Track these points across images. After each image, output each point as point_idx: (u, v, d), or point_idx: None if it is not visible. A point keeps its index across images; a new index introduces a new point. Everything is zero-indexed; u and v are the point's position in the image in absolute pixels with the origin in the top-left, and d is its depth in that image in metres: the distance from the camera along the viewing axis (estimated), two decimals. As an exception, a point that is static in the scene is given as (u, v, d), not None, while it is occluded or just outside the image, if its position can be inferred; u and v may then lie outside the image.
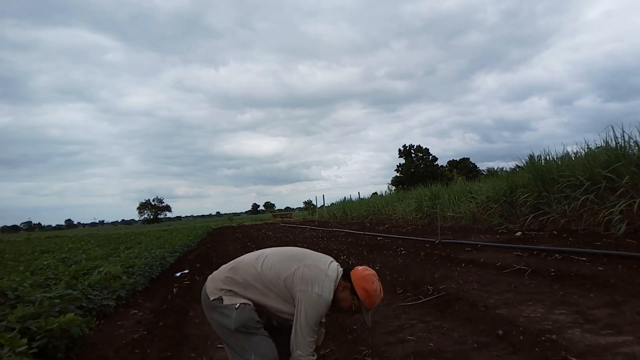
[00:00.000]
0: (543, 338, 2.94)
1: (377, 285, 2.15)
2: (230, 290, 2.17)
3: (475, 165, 54.79)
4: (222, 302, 2.13)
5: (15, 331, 3.22)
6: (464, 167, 54.33)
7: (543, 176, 9.16)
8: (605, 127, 8.01)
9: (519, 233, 8.72)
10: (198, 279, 7.50)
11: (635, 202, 6.60)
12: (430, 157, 56.12)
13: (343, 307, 2.15)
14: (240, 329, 2.09)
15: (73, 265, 8.20)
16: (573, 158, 9.18)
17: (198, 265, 9.52)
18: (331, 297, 2.10)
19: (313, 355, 2.04)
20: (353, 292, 2.12)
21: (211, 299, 2.17)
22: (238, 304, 2.11)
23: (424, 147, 56.52)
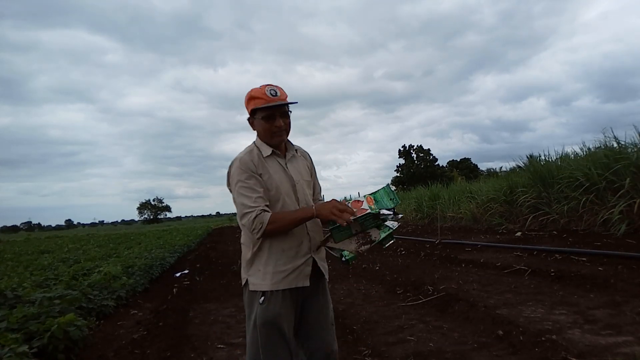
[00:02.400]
0: (543, 338, 2.94)
1: (254, 87, 1.85)
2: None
3: (476, 166, 54.81)
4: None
5: (16, 332, 3.22)
6: (465, 167, 54.30)
7: (543, 176, 9.16)
8: (603, 127, 8.02)
9: (519, 233, 8.72)
10: (198, 279, 7.50)
11: (635, 202, 6.60)
12: (431, 157, 56.12)
13: (266, 132, 1.84)
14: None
15: (73, 266, 8.20)
16: (573, 158, 9.18)
17: (198, 265, 9.52)
18: (242, 152, 1.86)
19: (260, 208, 1.73)
20: (252, 115, 1.86)
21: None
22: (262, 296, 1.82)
23: (425, 148, 56.54)
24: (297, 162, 1.99)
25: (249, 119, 1.90)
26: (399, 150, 57.29)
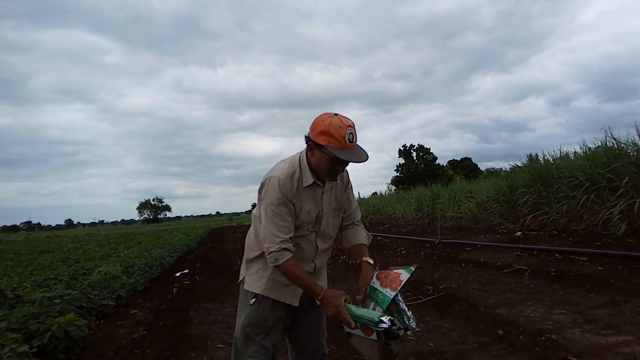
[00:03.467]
0: (543, 338, 2.94)
1: (332, 119, 1.67)
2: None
3: (477, 165, 54.81)
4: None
5: (16, 332, 3.22)
6: (465, 166, 54.31)
7: (543, 176, 9.16)
8: (603, 127, 8.02)
9: (519, 233, 8.72)
10: (198, 278, 7.50)
11: (635, 202, 6.60)
12: (431, 157, 56.10)
13: (323, 169, 1.72)
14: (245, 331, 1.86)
15: (73, 265, 8.20)
16: (572, 158, 9.18)
17: (198, 265, 9.52)
18: (285, 172, 1.75)
19: (284, 244, 1.69)
20: (318, 146, 1.68)
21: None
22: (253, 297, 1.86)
23: (426, 147, 56.54)
24: (335, 188, 1.89)
25: (309, 142, 1.72)
26: (399, 149, 57.30)
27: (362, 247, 1.94)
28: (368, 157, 1.70)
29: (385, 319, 1.55)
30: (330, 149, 1.63)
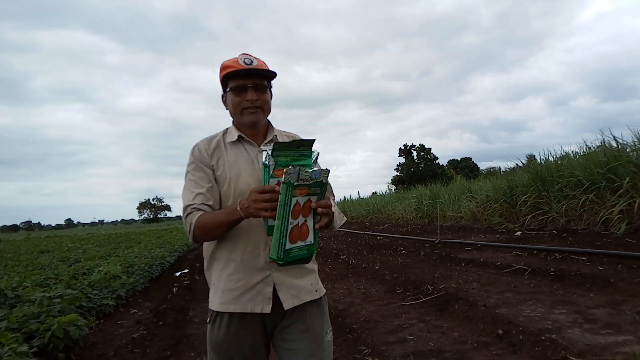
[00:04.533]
0: (543, 337, 2.94)
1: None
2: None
3: (477, 165, 54.82)
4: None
5: (16, 331, 3.22)
6: (465, 166, 54.34)
7: (542, 176, 9.16)
8: (602, 127, 8.02)
9: (518, 233, 8.72)
10: (198, 278, 7.50)
11: (635, 201, 6.60)
12: (431, 156, 56.11)
13: (235, 110, 1.50)
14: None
15: (73, 265, 8.20)
16: (572, 158, 9.18)
17: (198, 264, 9.52)
18: (206, 137, 1.55)
19: (186, 208, 1.41)
20: (224, 90, 1.53)
21: None
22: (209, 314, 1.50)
23: (426, 147, 56.54)
24: None
25: (223, 97, 1.55)
26: (399, 149, 57.28)
27: None
28: (272, 71, 1.49)
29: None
30: (229, 80, 1.48)
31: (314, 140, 1.27)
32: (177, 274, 8.31)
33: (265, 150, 1.31)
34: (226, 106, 1.55)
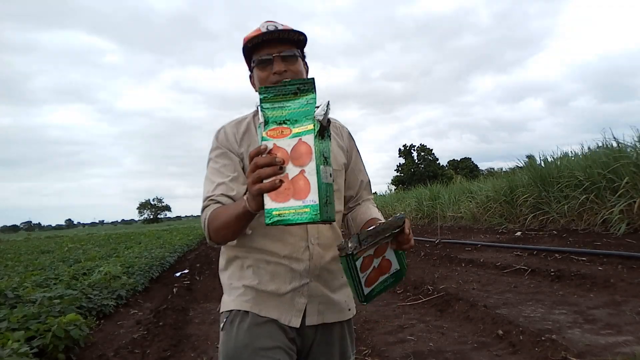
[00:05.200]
0: (543, 338, 2.94)
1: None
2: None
3: (477, 165, 54.84)
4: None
5: (17, 331, 3.22)
6: (465, 166, 54.34)
7: (542, 176, 9.16)
8: (601, 127, 8.03)
9: (518, 233, 8.72)
10: (198, 278, 7.50)
11: (635, 202, 6.61)
12: (432, 157, 56.14)
13: (260, 83, 1.22)
14: None
15: (73, 265, 8.21)
16: (572, 158, 9.18)
17: (198, 265, 9.52)
18: (232, 120, 1.32)
19: (212, 199, 1.17)
20: (249, 65, 1.29)
21: None
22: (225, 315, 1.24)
23: (427, 147, 56.58)
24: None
25: (250, 78, 1.30)
26: (399, 149, 57.34)
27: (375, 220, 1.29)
28: (299, 31, 1.22)
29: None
30: (253, 54, 1.23)
31: (313, 79, 0.92)
32: (177, 274, 8.30)
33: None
34: (255, 87, 1.28)
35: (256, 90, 1.26)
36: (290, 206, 0.86)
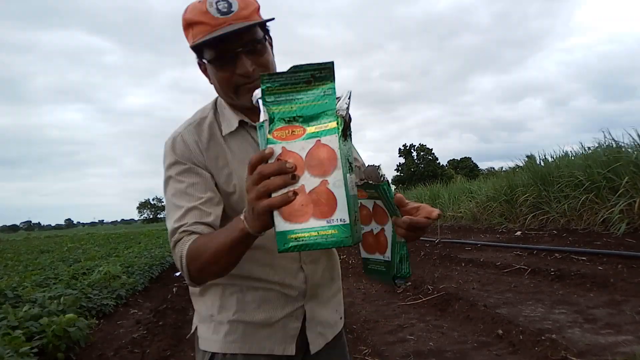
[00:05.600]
0: (543, 337, 2.94)
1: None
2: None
3: (477, 165, 54.89)
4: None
5: (18, 331, 3.22)
6: (465, 166, 54.39)
7: (542, 176, 9.16)
8: (602, 127, 8.03)
9: (518, 232, 8.72)
10: (198, 278, 7.50)
11: (635, 201, 6.60)
12: (432, 156, 56.19)
13: (224, 92, 1.01)
14: None
15: (73, 265, 8.21)
16: (572, 158, 9.19)
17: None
18: (188, 122, 1.05)
19: (185, 228, 0.93)
20: (199, 58, 1.02)
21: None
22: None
23: (426, 147, 56.65)
24: None
25: (200, 65, 1.04)
26: (399, 149, 57.41)
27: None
28: (267, 19, 0.97)
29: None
30: (204, 46, 0.94)
31: (332, 63, 0.71)
32: (177, 274, 8.29)
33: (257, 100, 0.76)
34: (207, 77, 1.04)
35: (211, 82, 1.03)
36: (312, 227, 0.68)
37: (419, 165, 55.45)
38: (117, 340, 4.07)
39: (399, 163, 56.92)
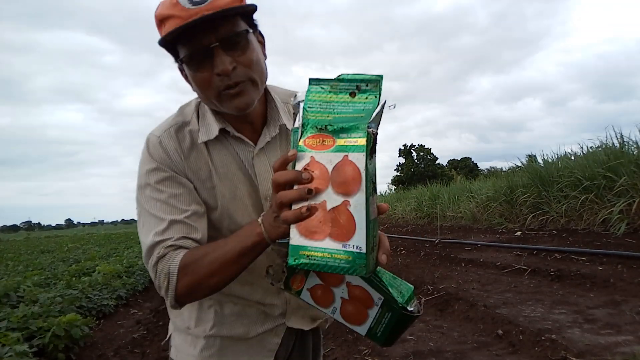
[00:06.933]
0: (543, 337, 2.95)
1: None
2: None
3: (477, 165, 54.88)
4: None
5: (17, 331, 3.22)
6: (465, 166, 54.36)
7: (542, 176, 9.17)
8: (600, 127, 8.02)
9: (518, 233, 8.72)
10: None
11: (634, 201, 6.61)
12: (432, 156, 56.19)
13: (204, 96, 0.87)
14: None
15: (73, 265, 8.21)
16: (572, 158, 9.19)
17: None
18: (167, 125, 0.94)
19: (169, 243, 0.84)
20: (175, 58, 0.88)
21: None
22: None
23: (426, 147, 56.65)
24: (283, 147, 0.97)
25: (180, 69, 0.90)
26: (399, 149, 57.38)
27: None
28: (247, 5, 0.86)
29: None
30: (178, 44, 0.83)
31: (380, 77, 0.70)
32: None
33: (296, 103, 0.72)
34: (189, 83, 0.90)
35: (194, 89, 0.89)
36: (325, 248, 0.64)
37: (418, 165, 55.43)
38: (117, 340, 4.07)
39: (399, 163, 56.92)
